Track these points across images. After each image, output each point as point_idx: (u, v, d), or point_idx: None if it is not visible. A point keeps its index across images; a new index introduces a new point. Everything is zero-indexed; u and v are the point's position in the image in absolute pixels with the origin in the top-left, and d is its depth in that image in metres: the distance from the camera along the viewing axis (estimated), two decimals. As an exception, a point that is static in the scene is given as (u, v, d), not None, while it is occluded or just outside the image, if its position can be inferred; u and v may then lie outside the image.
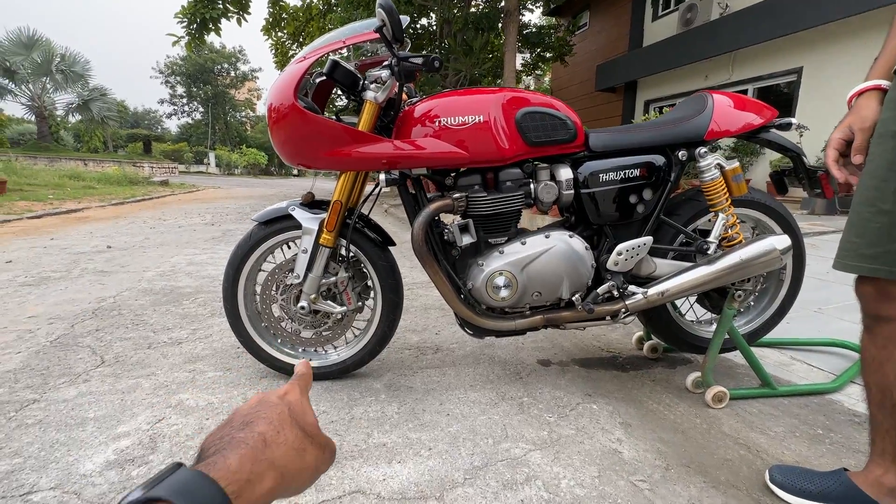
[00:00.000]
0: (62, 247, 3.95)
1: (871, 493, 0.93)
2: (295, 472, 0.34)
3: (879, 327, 0.90)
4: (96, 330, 2.00)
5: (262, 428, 0.34)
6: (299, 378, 0.43)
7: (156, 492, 0.26)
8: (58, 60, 17.91)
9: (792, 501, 1.00)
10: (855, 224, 0.89)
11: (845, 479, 0.97)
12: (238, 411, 0.37)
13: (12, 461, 1.11)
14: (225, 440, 0.33)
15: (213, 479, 0.28)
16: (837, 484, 0.97)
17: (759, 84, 7.76)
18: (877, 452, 0.94)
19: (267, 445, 0.33)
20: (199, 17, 7.75)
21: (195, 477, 0.28)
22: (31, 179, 10.33)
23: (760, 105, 1.44)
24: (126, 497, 0.26)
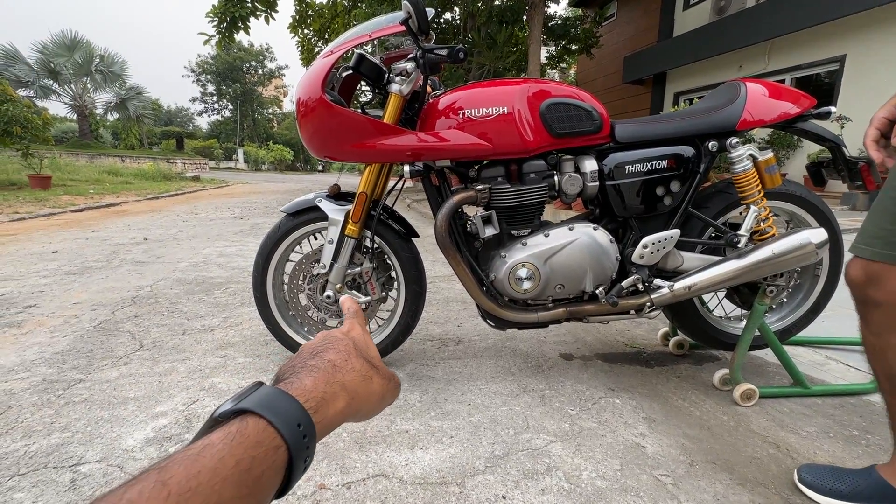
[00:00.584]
0: (102, 238, 4.15)
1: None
2: (364, 396, 0.37)
3: (871, 313, 0.89)
4: (135, 316, 2.10)
5: (331, 356, 0.37)
6: (356, 316, 0.46)
7: (243, 404, 0.29)
8: (97, 61, 18.71)
9: (822, 502, 0.97)
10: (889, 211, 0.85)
11: (876, 476, 0.94)
12: (305, 346, 0.39)
13: (62, 435, 1.19)
14: (297, 367, 0.35)
15: (292, 396, 0.31)
16: (869, 481, 0.94)
17: (797, 74, 7.41)
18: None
19: (337, 370, 0.36)
20: (228, 16, 7.94)
21: (276, 393, 0.31)
22: (74, 175, 10.87)
23: (797, 93, 1.39)
24: (218, 409, 0.29)
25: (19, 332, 1.88)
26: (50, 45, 17.53)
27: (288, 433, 0.29)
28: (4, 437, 1.17)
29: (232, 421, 0.28)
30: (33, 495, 0.97)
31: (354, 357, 0.38)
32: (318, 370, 0.35)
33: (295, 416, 0.30)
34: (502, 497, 1.00)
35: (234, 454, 0.26)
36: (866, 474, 0.96)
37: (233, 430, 0.27)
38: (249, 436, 0.27)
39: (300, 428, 0.29)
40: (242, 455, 0.26)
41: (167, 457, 0.25)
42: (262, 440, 0.27)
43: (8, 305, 2.20)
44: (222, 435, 0.27)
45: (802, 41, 7.05)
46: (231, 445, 0.26)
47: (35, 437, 1.17)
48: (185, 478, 0.24)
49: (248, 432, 0.27)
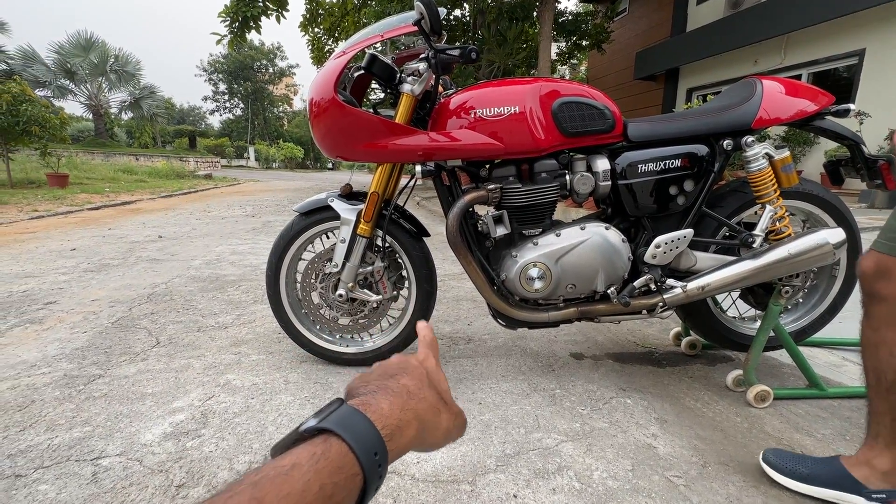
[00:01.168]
0: (118, 236, 4.23)
1: (861, 476, 0.94)
2: (431, 428, 0.37)
3: (874, 307, 0.89)
4: (151, 313, 2.15)
5: (406, 381, 0.38)
6: (430, 346, 0.46)
7: (327, 423, 0.30)
8: (112, 61, 19.00)
9: (781, 481, 1.03)
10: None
11: (837, 464, 0.99)
12: (380, 366, 0.40)
13: (83, 429, 1.22)
14: (372, 385, 0.36)
15: (371, 421, 0.32)
16: (828, 468, 0.99)
17: (814, 69, 7.25)
18: (871, 436, 0.95)
19: (411, 397, 0.36)
20: (240, 16, 8.02)
21: (357, 416, 0.32)
22: (90, 173, 11.08)
23: (815, 91, 1.37)
24: (302, 425, 0.31)
25: (41, 328, 1.93)
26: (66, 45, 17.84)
27: (366, 460, 0.30)
28: (28, 430, 1.21)
29: (316, 439, 0.30)
30: (57, 487, 1.00)
31: (427, 387, 0.39)
32: (395, 394, 0.35)
33: (373, 444, 0.31)
34: (513, 496, 1.00)
35: (319, 478, 0.27)
36: (828, 462, 1.01)
37: (318, 452, 0.29)
38: (333, 460, 0.29)
39: (376, 457, 0.31)
40: (326, 480, 0.28)
41: (257, 469, 0.27)
42: (343, 465, 0.29)
43: (30, 302, 2.26)
44: (308, 455, 0.28)
45: (820, 35, 6.90)
46: (316, 468, 0.28)
47: (58, 431, 1.21)
48: (276, 498, 0.25)
49: (332, 456, 0.29)
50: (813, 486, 0.99)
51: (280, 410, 1.33)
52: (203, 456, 1.12)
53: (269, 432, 1.22)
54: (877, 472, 0.94)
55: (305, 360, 1.67)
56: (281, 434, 1.21)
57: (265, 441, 1.18)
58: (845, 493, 0.96)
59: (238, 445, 1.16)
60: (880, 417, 0.93)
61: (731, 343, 1.58)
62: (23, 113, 7.21)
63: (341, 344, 1.63)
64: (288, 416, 1.30)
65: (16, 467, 1.06)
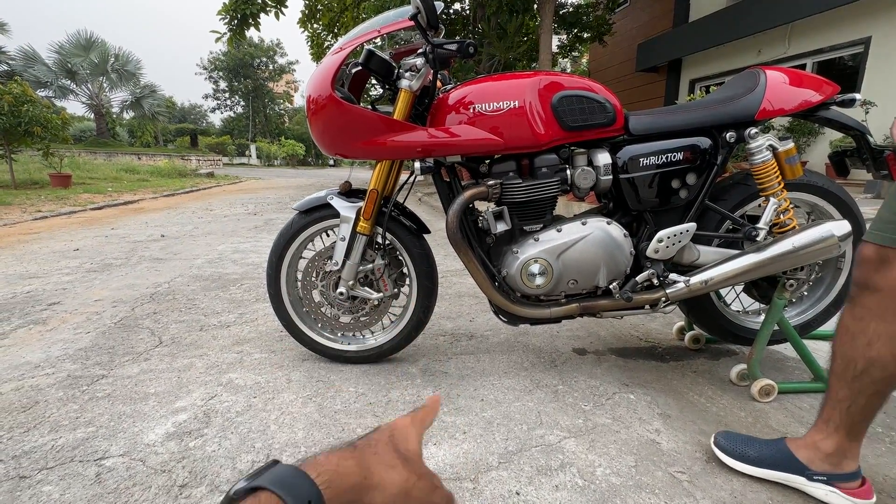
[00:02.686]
0: (121, 236, 4.25)
1: (805, 458, 0.98)
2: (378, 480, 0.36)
3: (864, 297, 0.88)
4: (154, 313, 2.15)
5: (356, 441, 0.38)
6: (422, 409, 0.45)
7: (258, 482, 0.31)
8: (112, 60, 19.00)
9: (731, 464, 1.06)
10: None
11: (783, 446, 1.03)
12: None
13: (87, 429, 1.22)
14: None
15: (303, 471, 0.32)
16: (775, 450, 1.03)
17: (819, 58, 7.16)
18: (822, 419, 0.98)
19: (355, 449, 0.36)
20: (239, 13, 7.98)
21: (289, 469, 0.32)
22: (92, 173, 11.12)
23: (820, 80, 1.34)
24: (233, 487, 0.31)
25: (44, 329, 1.94)
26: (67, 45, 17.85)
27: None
28: (33, 431, 1.21)
29: (246, 499, 0.30)
30: (61, 488, 1.00)
31: (382, 443, 0.38)
32: (336, 449, 0.36)
33: (306, 492, 0.31)
34: (516, 493, 1.00)
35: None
36: (774, 444, 1.04)
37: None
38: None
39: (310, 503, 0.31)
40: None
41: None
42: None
43: (33, 303, 2.27)
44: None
45: (824, 23, 6.80)
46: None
47: (61, 432, 1.21)
48: None
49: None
50: (760, 468, 1.03)
51: (282, 409, 1.33)
52: (206, 455, 1.12)
53: (271, 431, 1.22)
54: (820, 453, 0.96)
55: (307, 359, 1.67)
56: (283, 432, 1.21)
57: (268, 440, 1.18)
58: (789, 475, 1.00)
59: (241, 444, 1.16)
60: (838, 403, 0.94)
61: (734, 337, 1.56)
62: (24, 114, 7.22)
63: (343, 342, 1.63)
64: (290, 414, 1.31)
65: (20, 468, 1.06)
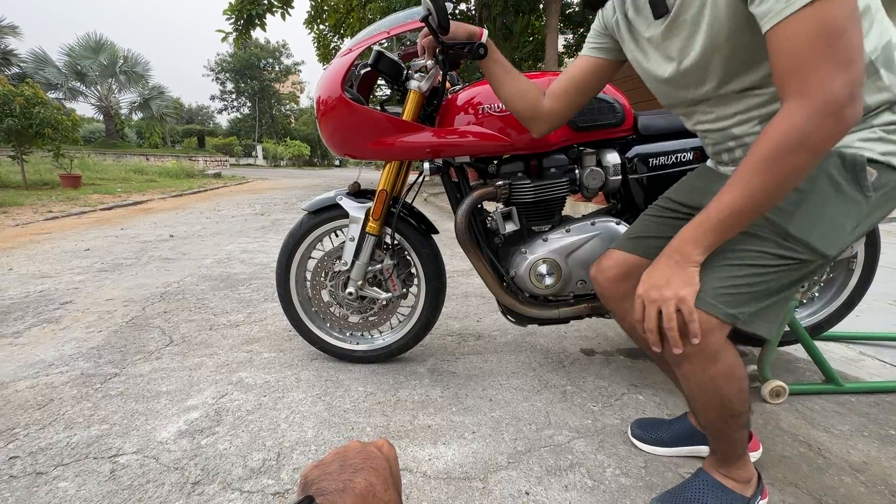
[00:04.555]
0: (131, 236, 4.29)
1: None
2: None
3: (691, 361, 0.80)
4: (164, 312, 2.17)
5: (372, 479, 0.37)
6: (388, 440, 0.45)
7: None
8: (121, 62, 19.22)
9: (650, 451, 1.12)
10: None
11: (686, 421, 1.10)
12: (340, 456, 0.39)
13: (101, 427, 1.24)
14: (335, 480, 0.35)
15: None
16: (681, 426, 1.09)
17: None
18: None
19: (376, 498, 0.35)
20: (245, 14, 8.04)
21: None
22: (102, 174, 11.24)
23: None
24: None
25: (57, 328, 1.96)
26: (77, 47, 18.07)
27: None
28: (48, 428, 1.23)
29: None
30: (76, 485, 1.02)
31: (391, 487, 0.38)
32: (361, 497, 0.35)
33: None
34: (525, 493, 1.00)
35: None
36: (680, 421, 1.10)
37: None
38: None
39: None
40: None
41: None
42: None
43: (46, 302, 2.30)
44: None
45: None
46: None
47: (76, 429, 1.23)
48: None
49: None
50: (674, 447, 1.09)
51: (292, 408, 1.34)
52: (218, 453, 1.13)
53: (281, 429, 1.23)
54: None
55: (316, 358, 1.68)
56: (293, 431, 1.22)
57: (278, 438, 1.19)
58: (697, 446, 1.07)
59: (252, 443, 1.17)
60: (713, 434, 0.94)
61: (744, 338, 1.55)
62: (36, 115, 7.32)
63: (352, 341, 1.64)
64: (300, 413, 1.32)
65: (37, 465, 1.08)
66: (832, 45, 0.58)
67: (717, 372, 0.78)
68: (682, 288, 0.72)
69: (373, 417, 1.30)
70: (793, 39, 0.60)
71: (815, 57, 0.59)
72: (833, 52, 0.59)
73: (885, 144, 0.72)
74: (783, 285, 0.76)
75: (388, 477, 0.38)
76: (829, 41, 0.58)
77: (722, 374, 0.78)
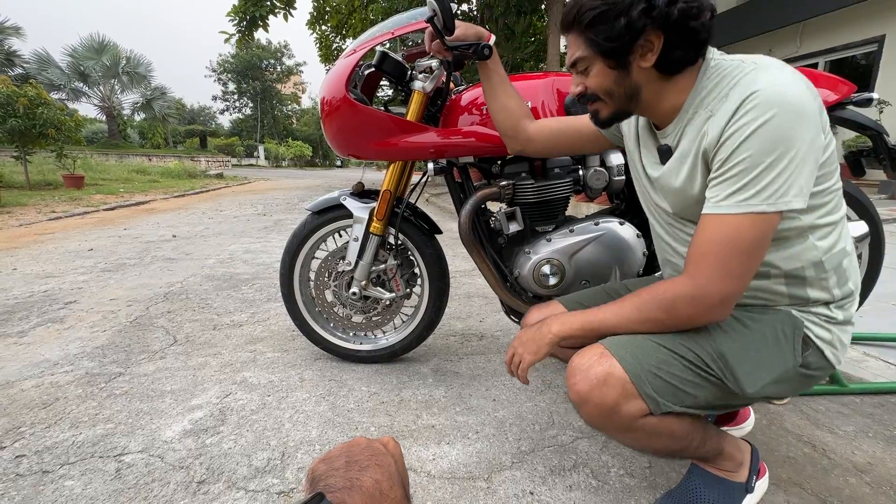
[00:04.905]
0: (134, 236, 4.30)
1: None
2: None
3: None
4: (168, 312, 2.18)
5: (378, 476, 0.37)
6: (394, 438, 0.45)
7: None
8: (124, 63, 19.25)
9: None
10: None
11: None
12: (346, 452, 0.39)
13: (106, 426, 1.25)
14: (342, 477, 0.36)
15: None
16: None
17: (831, 57, 7.08)
18: None
19: (382, 496, 0.36)
20: (249, 15, 8.07)
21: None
22: (104, 174, 11.27)
23: (835, 79, 1.33)
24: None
25: (62, 328, 1.97)
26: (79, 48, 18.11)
27: None
28: (54, 427, 1.24)
29: None
30: (83, 483, 1.02)
31: (397, 485, 0.38)
32: (369, 496, 0.35)
33: None
34: (530, 493, 1.00)
35: None
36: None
37: None
38: None
39: None
40: None
41: None
42: None
43: (50, 302, 2.31)
44: None
45: (837, 22, 6.72)
46: None
47: (81, 428, 1.23)
48: None
49: None
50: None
51: (296, 407, 1.35)
52: (222, 452, 1.14)
53: (285, 429, 1.24)
54: None
55: (319, 358, 1.68)
56: (297, 430, 1.23)
57: (282, 438, 1.20)
58: None
59: (256, 442, 1.18)
60: None
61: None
62: (39, 116, 7.34)
63: (355, 342, 1.64)
64: (304, 412, 1.32)
65: (43, 463, 1.09)
66: (732, 258, 0.68)
67: (634, 439, 0.80)
68: (526, 351, 0.85)
69: (377, 417, 1.30)
70: (709, 233, 0.70)
71: (714, 258, 0.69)
72: (728, 264, 0.68)
73: (822, 331, 0.78)
74: (699, 398, 0.78)
75: (393, 474, 0.38)
76: (731, 254, 0.68)
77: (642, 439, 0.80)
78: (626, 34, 0.70)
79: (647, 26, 0.69)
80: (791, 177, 0.65)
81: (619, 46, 0.72)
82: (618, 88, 0.77)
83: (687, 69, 0.74)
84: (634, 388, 0.75)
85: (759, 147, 0.65)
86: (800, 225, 0.73)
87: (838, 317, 0.78)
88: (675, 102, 0.77)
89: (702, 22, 0.69)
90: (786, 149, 0.64)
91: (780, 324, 0.78)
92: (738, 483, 0.89)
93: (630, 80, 0.76)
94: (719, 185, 0.69)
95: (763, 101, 0.64)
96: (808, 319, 0.78)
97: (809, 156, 0.65)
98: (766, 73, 0.68)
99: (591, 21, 0.72)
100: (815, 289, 0.77)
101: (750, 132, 0.65)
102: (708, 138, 0.70)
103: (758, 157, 0.65)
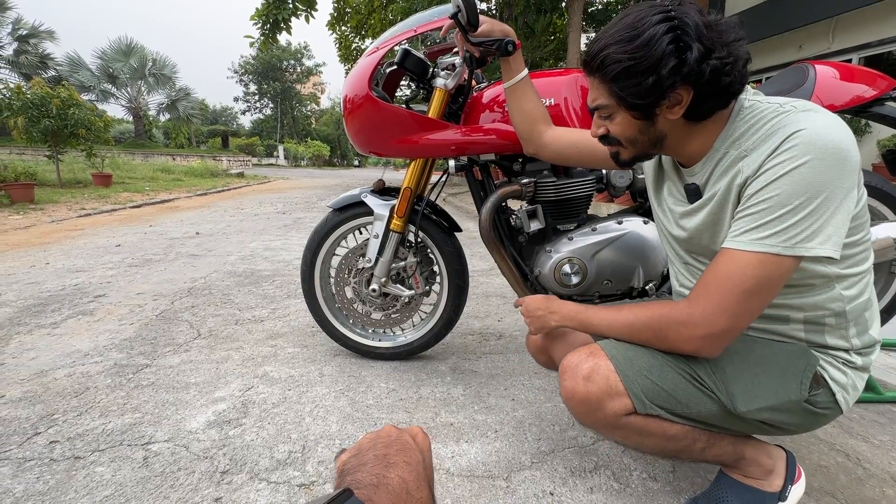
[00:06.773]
0: (159, 233, 4.42)
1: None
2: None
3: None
4: (192, 306, 2.23)
5: (406, 475, 0.37)
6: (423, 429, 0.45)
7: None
8: (150, 65, 19.86)
9: None
10: None
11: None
12: (375, 443, 0.39)
13: (133, 416, 1.28)
14: (368, 469, 0.36)
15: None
16: None
17: (865, 53, 6.81)
18: None
19: (409, 495, 0.35)
20: (271, 18, 8.21)
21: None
22: (131, 173, 11.62)
23: (873, 74, 1.28)
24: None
25: (92, 320, 2.04)
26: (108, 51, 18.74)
27: None
28: (85, 415, 1.28)
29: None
30: (112, 469, 1.05)
31: (424, 485, 0.38)
32: (395, 495, 0.35)
33: None
34: (550, 493, 0.99)
35: None
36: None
37: None
38: None
39: None
40: None
41: None
42: None
43: (81, 295, 2.39)
44: None
45: (872, 16, 6.46)
46: None
47: (110, 417, 1.27)
48: None
49: None
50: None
51: (316, 402, 1.36)
52: (245, 444, 1.16)
53: (306, 423, 1.25)
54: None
55: (339, 354, 1.70)
56: (317, 425, 1.24)
57: (303, 431, 1.21)
58: None
59: (277, 435, 1.20)
60: None
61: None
62: (71, 116, 7.61)
63: (374, 338, 1.65)
64: (324, 407, 1.33)
65: (75, 449, 1.12)
66: (731, 294, 0.67)
67: (624, 437, 0.80)
68: (532, 325, 0.98)
69: (395, 414, 1.30)
70: (718, 265, 0.69)
71: (720, 291, 0.68)
72: (727, 300, 0.67)
73: (838, 373, 0.75)
74: (692, 409, 0.77)
75: (420, 472, 0.38)
76: (731, 290, 0.67)
77: (632, 437, 0.80)
78: (654, 92, 0.66)
79: (678, 84, 0.65)
80: (818, 223, 0.62)
81: (646, 103, 0.69)
82: (642, 137, 0.75)
83: (717, 113, 0.71)
84: (622, 384, 0.76)
85: (789, 188, 0.62)
86: (827, 273, 0.70)
87: (857, 362, 0.76)
88: (703, 144, 0.74)
89: (734, 76, 0.66)
90: (816, 193, 0.61)
91: (792, 355, 0.76)
92: (769, 493, 0.85)
93: (655, 129, 0.73)
94: (741, 219, 0.67)
95: (805, 141, 0.62)
96: (824, 359, 0.76)
97: (844, 204, 0.62)
98: (811, 115, 0.65)
99: (617, 76, 0.68)
100: (834, 336, 0.75)
101: (784, 172, 0.62)
102: (743, 175, 0.68)
103: (785, 198, 0.62)
